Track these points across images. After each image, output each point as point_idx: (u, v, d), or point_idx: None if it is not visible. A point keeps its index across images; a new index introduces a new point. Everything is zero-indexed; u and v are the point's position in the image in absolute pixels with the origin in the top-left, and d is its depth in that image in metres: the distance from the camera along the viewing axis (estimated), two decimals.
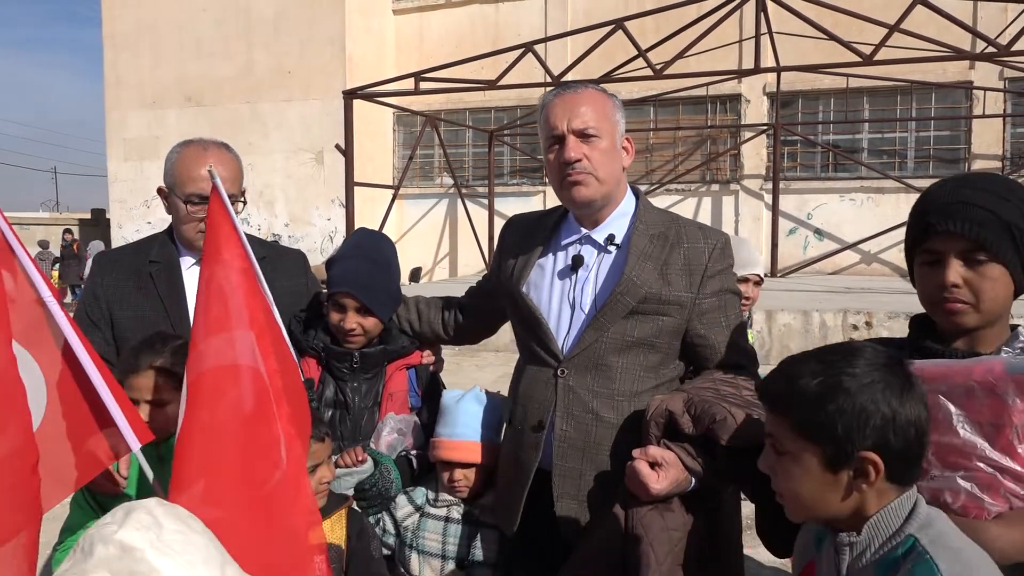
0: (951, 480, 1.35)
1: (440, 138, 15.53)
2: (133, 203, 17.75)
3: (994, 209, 1.41)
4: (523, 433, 1.97)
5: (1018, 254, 1.43)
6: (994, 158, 13.57)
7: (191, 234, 2.25)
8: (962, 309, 1.44)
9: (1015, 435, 1.32)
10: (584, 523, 1.89)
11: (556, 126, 1.89)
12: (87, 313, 2.26)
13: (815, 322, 9.06)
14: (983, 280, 1.43)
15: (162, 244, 2.34)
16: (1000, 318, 1.47)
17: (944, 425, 1.36)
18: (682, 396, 1.73)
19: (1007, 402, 1.32)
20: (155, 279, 2.27)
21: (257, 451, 1.51)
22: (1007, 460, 1.32)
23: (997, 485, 1.33)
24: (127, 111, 17.68)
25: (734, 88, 14.70)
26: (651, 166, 15.52)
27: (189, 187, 2.19)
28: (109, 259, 2.41)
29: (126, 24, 17.44)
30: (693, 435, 1.69)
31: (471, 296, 2.35)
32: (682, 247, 1.93)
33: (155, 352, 1.97)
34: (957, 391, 1.35)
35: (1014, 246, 1.42)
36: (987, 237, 1.41)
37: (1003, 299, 1.45)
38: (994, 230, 1.41)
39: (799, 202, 14.58)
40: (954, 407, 1.36)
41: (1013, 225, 1.41)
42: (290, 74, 16.35)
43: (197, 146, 2.25)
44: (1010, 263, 1.42)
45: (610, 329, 1.89)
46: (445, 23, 16.56)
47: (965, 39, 10.93)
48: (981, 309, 1.44)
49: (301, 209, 16.65)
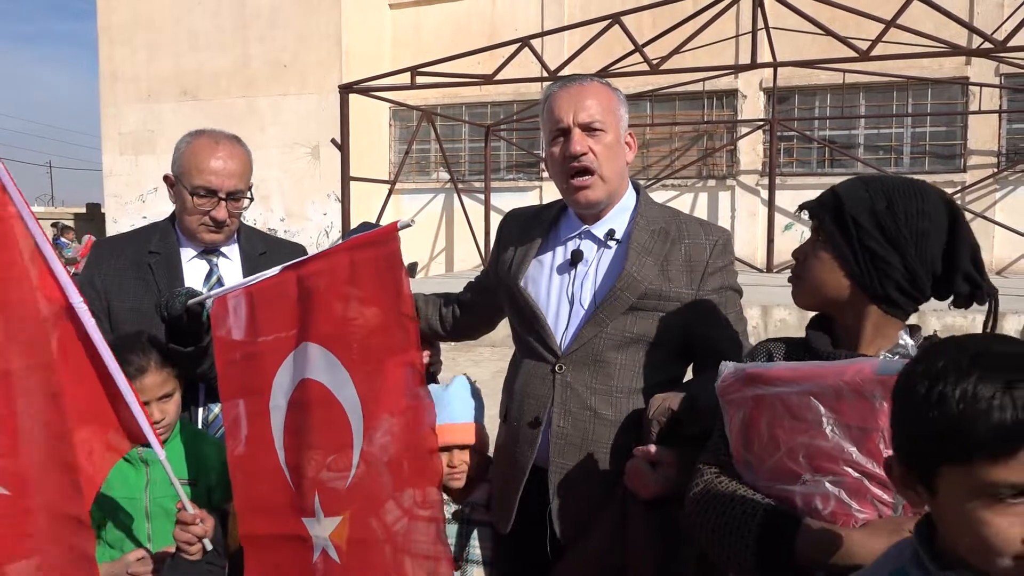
0: (821, 485, 1.32)
1: (436, 133, 15.49)
2: (128, 197, 17.67)
3: (842, 193, 1.45)
4: (519, 429, 1.95)
5: (847, 241, 1.43)
6: (990, 154, 13.58)
7: (194, 226, 2.22)
8: (794, 283, 1.56)
9: (882, 439, 1.27)
10: (580, 521, 1.87)
11: (561, 119, 1.87)
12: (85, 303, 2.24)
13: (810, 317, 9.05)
14: (812, 259, 1.49)
15: (163, 234, 2.30)
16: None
17: (814, 427, 1.32)
18: (684, 395, 1.72)
19: (874, 405, 1.27)
20: (154, 270, 2.23)
21: None
22: (873, 465, 1.28)
23: (864, 491, 1.29)
24: (122, 105, 17.61)
25: (730, 84, 14.68)
26: (647, 161, 15.50)
27: (197, 179, 2.16)
28: (108, 247, 2.36)
29: (121, 17, 17.36)
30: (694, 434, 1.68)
31: (469, 291, 2.33)
32: (683, 243, 1.91)
33: (146, 349, 1.97)
34: (828, 392, 1.31)
35: (841, 231, 1.44)
36: (820, 216, 1.47)
37: (825, 285, 1.48)
38: (829, 211, 1.46)
39: (795, 198, 14.53)
40: (824, 409, 1.31)
41: (851, 213, 1.42)
42: (286, 68, 16.29)
43: (208, 138, 2.21)
44: (836, 247, 1.45)
45: (609, 325, 1.87)
46: (441, 18, 16.50)
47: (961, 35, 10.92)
48: (804, 287, 1.52)
49: (297, 204, 16.61)
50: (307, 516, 1.80)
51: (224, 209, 2.19)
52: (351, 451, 1.74)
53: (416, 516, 1.72)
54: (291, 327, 1.81)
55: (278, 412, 1.85)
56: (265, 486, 1.86)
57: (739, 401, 1.42)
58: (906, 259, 1.39)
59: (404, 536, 1.73)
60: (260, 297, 1.85)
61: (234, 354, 1.89)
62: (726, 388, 1.44)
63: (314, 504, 1.78)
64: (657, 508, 1.69)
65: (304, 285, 1.78)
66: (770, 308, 9.15)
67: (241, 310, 1.88)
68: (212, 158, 2.16)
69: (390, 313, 1.68)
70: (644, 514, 1.70)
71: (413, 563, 1.73)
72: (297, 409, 1.81)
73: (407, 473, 1.70)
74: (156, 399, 1.96)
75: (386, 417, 1.71)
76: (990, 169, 13.42)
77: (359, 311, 1.71)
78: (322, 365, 1.75)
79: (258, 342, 1.86)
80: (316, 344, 1.76)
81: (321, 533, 1.78)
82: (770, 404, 1.37)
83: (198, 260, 2.29)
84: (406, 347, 1.68)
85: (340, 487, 1.75)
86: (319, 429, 1.78)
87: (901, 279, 1.40)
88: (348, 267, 1.72)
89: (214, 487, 2.06)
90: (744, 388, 1.41)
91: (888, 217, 1.40)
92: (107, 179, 18.05)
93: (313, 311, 1.76)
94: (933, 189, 1.44)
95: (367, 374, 1.71)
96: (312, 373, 1.78)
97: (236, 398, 1.91)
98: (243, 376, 1.88)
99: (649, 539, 1.69)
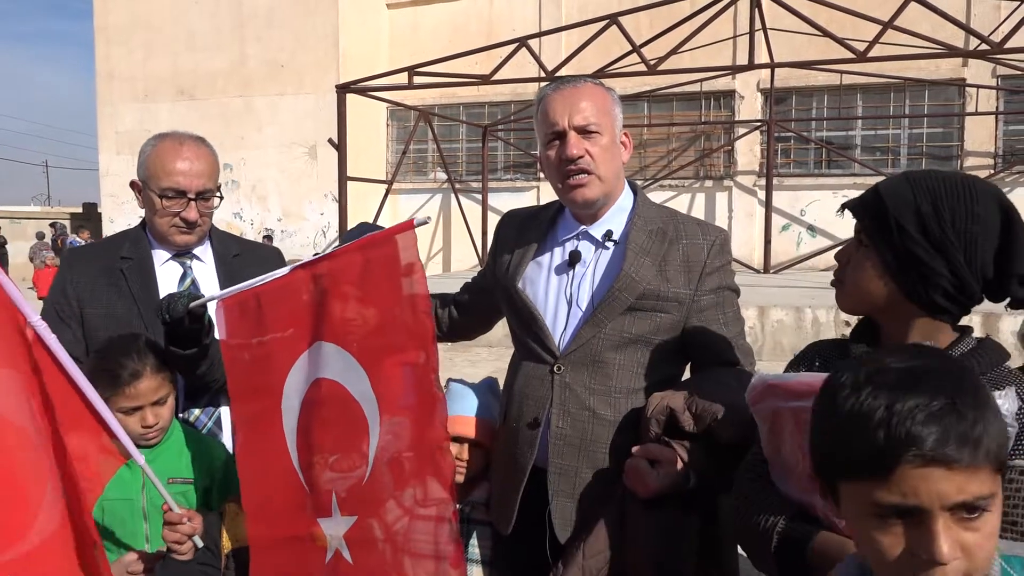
0: None
1: (434, 133, 15.50)
2: (125, 197, 17.64)
3: (885, 193, 1.36)
4: (518, 430, 1.95)
5: (889, 245, 1.35)
6: (986, 155, 13.62)
7: (165, 228, 2.22)
8: (837, 287, 1.48)
9: None
10: (579, 521, 1.87)
11: (556, 122, 1.86)
12: (56, 310, 2.21)
13: (808, 318, 9.07)
14: (854, 263, 1.41)
15: (135, 240, 2.30)
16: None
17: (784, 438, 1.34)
18: (683, 393, 1.71)
19: None
20: (127, 276, 2.23)
21: None
22: None
23: None
24: (119, 105, 17.60)
25: (728, 84, 14.71)
26: (645, 162, 15.52)
27: (165, 181, 2.17)
28: (80, 255, 2.37)
29: (118, 17, 17.35)
30: (693, 433, 1.68)
31: (466, 292, 2.32)
32: (681, 243, 1.91)
33: (141, 354, 1.95)
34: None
35: (883, 234, 1.35)
36: (862, 216, 1.39)
37: (868, 292, 1.39)
38: (871, 212, 1.37)
39: (792, 198, 14.60)
40: (795, 421, 1.32)
41: (894, 215, 1.33)
42: (283, 68, 16.29)
43: (173, 139, 2.23)
44: (878, 251, 1.36)
45: (607, 325, 1.87)
46: (439, 17, 16.51)
47: (958, 36, 10.95)
48: (846, 291, 1.45)
49: (294, 204, 16.61)
50: (323, 516, 1.79)
51: (195, 209, 2.20)
52: (368, 450, 1.73)
53: (429, 516, 1.72)
54: (303, 326, 1.80)
55: (291, 413, 1.84)
56: (276, 487, 1.85)
57: (764, 412, 1.42)
58: (953, 265, 1.29)
59: (417, 536, 1.73)
60: (268, 298, 1.83)
61: (242, 354, 1.88)
62: (753, 398, 1.43)
63: (331, 503, 1.78)
64: (656, 507, 1.69)
65: (318, 284, 1.77)
66: (767, 309, 9.16)
67: (248, 310, 1.87)
68: (178, 159, 2.17)
69: (406, 311, 1.68)
70: (643, 513, 1.70)
71: (425, 563, 1.72)
72: (312, 408, 1.80)
73: (424, 472, 1.70)
74: (150, 404, 1.95)
75: (403, 415, 1.71)
76: (987, 171, 13.45)
77: (374, 309, 1.70)
78: (338, 364, 1.75)
79: (267, 342, 1.85)
80: (331, 343, 1.76)
81: (337, 532, 1.78)
82: (790, 416, 1.36)
83: (171, 263, 2.29)
84: (423, 344, 1.68)
85: (357, 486, 1.75)
86: (336, 428, 1.77)
87: (948, 286, 1.31)
88: (363, 265, 1.71)
89: (211, 486, 2.06)
90: (766, 399, 1.40)
91: (933, 220, 1.30)
92: (103, 179, 18.05)
93: (327, 310, 1.75)
94: (986, 186, 1.33)
95: (384, 372, 1.71)
96: (327, 372, 1.77)
97: (245, 398, 1.90)
98: (252, 376, 1.87)
99: (648, 538, 1.69)
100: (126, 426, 1.93)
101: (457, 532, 1.70)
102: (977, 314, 7.92)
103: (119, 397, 1.90)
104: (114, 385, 1.90)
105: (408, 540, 1.74)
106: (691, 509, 1.71)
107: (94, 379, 1.90)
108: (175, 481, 2.00)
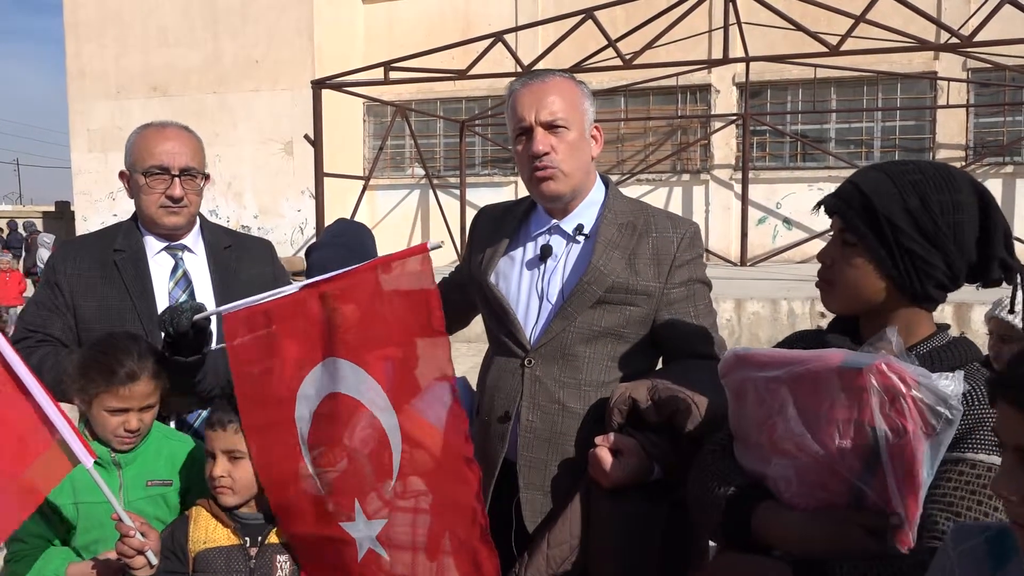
0: (785, 468, 1.34)
1: (411, 128, 15.44)
2: (98, 195, 17.43)
3: (867, 189, 1.35)
4: (490, 424, 1.96)
5: (882, 243, 1.34)
6: (958, 147, 13.78)
7: (152, 209, 2.21)
8: (824, 289, 1.45)
9: (837, 429, 1.26)
10: (547, 513, 1.88)
11: (524, 117, 1.87)
12: (48, 300, 2.20)
13: (783, 310, 9.15)
14: (842, 263, 1.39)
15: (127, 232, 2.30)
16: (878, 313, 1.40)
17: (778, 412, 1.33)
18: (646, 384, 1.72)
19: (833, 396, 1.26)
20: (120, 268, 2.22)
21: None
22: (824, 453, 1.28)
23: (816, 478, 1.30)
24: (91, 101, 17.34)
25: (704, 78, 14.76)
26: (622, 156, 15.55)
27: (148, 161, 2.18)
28: (72, 247, 2.35)
29: (89, 12, 17.08)
30: (657, 423, 1.69)
31: (443, 288, 2.33)
32: (651, 236, 1.92)
33: (142, 356, 1.91)
34: (795, 379, 1.31)
35: (874, 232, 1.34)
36: (846, 215, 1.37)
37: (862, 290, 1.38)
38: (857, 211, 1.35)
39: (768, 191, 14.69)
40: (789, 394, 1.32)
41: (884, 213, 1.33)
42: (258, 64, 16.13)
43: (156, 125, 2.28)
44: (871, 250, 1.35)
45: (577, 319, 1.88)
46: (415, 12, 16.42)
47: (929, 30, 11.07)
48: (836, 293, 1.42)
49: (271, 200, 16.47)
50: (345, 521, 1.79)
51: (179, 186, 2.20)
52: (391, 462, 1.73)
53: (459, 521, 1.72)
54: (315, 343, 1.78)
55: (303, 423, 1.82)
56: (296, 492, 1.85)
57: (733, 383, 1.44)
58: (948, 256, 1.32)
59: (447, 538, 1.74)
60: (278, 313, 1.81)
61: (252, 368, 1.85)
62: (724, 370, 1.45)
63: (354, 510, 1.78)
64: (620, 497, 1.70)
65: (329, 303, 1.75)
66: (744, 301, 9.23)
67: (256, 325, 1.83)
68: (162, 141, 2.21)
69: (422, 329, 1.68)
70: (606, 503, 1.71)
71: (459, 560, 1.73)
72: (326, 421, 1.80)
73: (451, 482, 1.71)
74: (138, 409, 1.92)
75: (425, 430, 1.72)
76: (958, 162, 13.61)
77: (389, 328, 1.70)
78: (351, 380, 1.74)
79: (277, 356, 1.82)
80: (345, 360, 1.75)
81: (369, 533, 1.78)
82: (752, 387, 1.39)
83: (163, 255, 2.28)
84: (438, 362, 1.69)
85: (381, 494, 1.75)
86: (354, 441, 1.77)
87: (942, 276, 1.34)
88: (376, 284, 1.71)
89: (189, 488, 2.04)
90: (735, 370, 1.42)
91: (925, 215, 1.31)
92: (76, 176, 17.78)
93: (340, 328, 1.74)
94: (961, 175, 1.36)
95: (400, 389, 1.71)
96: (341, 387, 1.76)
97: (255, 408, 1.87)
98: (262, 388, 1.85)
99: (611, 528, 1.70)
100: (106, 426, 1.90)
101: (488, 532, 1.70)
102: (950, 304, 8.03)
103: (109, 395, 1.87)
104: (108, 382, 1.86)
105: (439, 541, 1.74)
106: (658, 499, 1.72)
107: (88, 371, 1.88)
108: (154, 483, 1.98)
